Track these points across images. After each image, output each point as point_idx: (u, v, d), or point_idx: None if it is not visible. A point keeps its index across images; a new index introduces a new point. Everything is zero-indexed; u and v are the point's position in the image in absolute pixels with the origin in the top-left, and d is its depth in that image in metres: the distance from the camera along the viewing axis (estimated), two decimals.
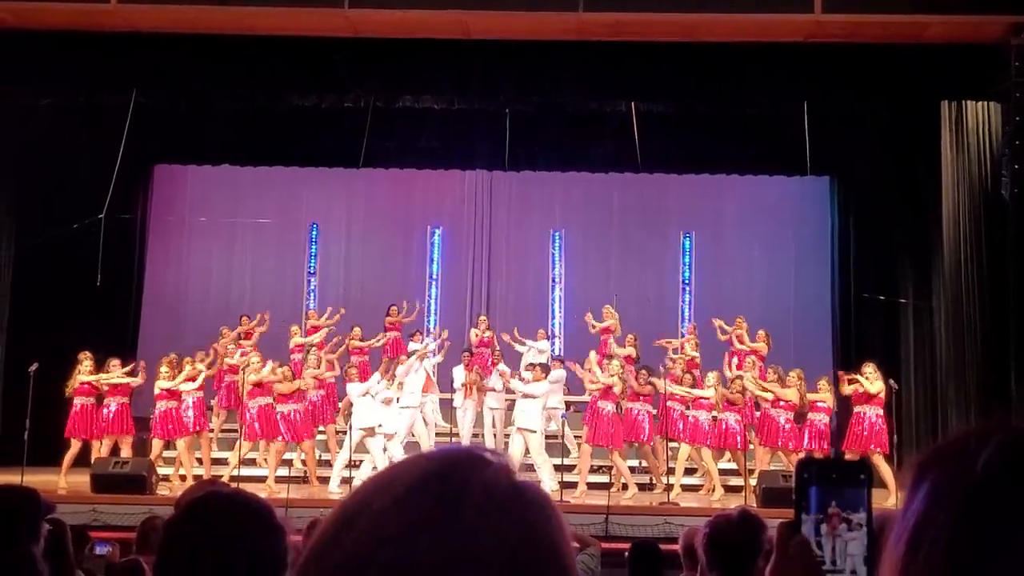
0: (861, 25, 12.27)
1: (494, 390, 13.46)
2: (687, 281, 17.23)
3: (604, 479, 12.60)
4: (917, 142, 14.13)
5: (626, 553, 5.52)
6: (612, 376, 12.25)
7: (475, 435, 13.59)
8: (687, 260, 17.25)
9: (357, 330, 14.70)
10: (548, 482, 12.09)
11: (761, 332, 14.25)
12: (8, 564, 2.74)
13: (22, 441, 11.52)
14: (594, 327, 14.78)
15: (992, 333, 12.77)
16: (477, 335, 15.19)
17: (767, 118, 14.23)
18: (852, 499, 1.13)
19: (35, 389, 11.83)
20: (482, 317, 15.54)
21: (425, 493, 0.79)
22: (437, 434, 13.91)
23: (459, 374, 13.96)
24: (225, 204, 17.11)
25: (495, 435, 13.44)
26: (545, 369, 12.63)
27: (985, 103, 13.20)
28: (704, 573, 3.45)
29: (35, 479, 10.14)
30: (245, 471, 12.41)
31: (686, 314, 16.98)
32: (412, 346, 14.46)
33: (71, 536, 4.13)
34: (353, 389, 12.42)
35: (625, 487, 12.32)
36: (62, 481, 11.63)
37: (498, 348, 14.66)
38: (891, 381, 12.86)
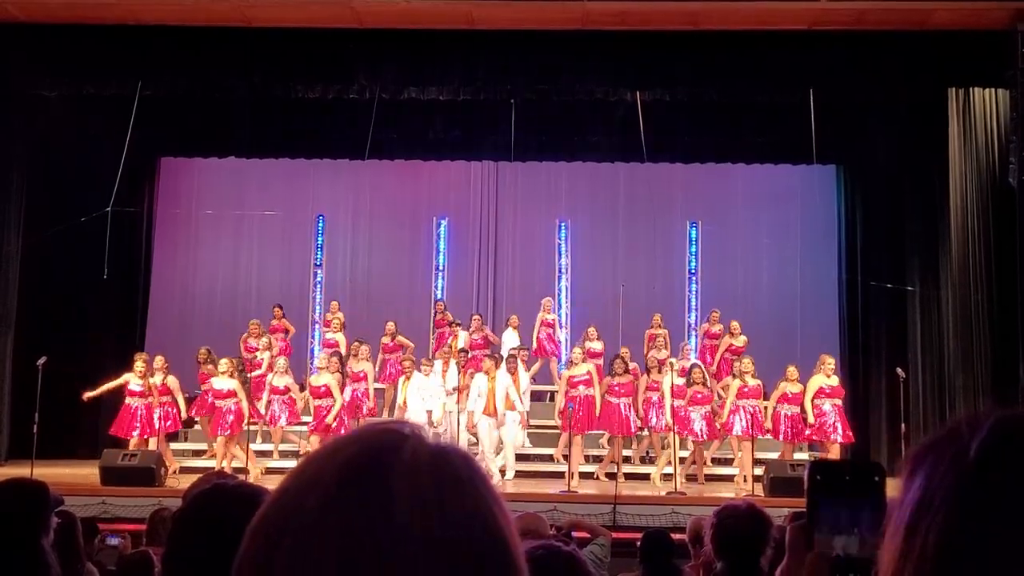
0: (866, 12, 12.24)
1: None
2: (694, 270, 17.21)
3: (611, 469, 12.62)
4: (924, 129, 14.09)
5: (637, 543, 5.53)
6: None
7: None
8: (694, 249, 17.22)
9: (391, 325, 14.62)
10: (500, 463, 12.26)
11: (735, 324, 14.30)
12: (18, 556, 2.76)
13: (31, 434, 11.57)
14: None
15: (1000, 320, 12.75)
16: (467, 338, 14.39)
17: (773, 106, 14.19)
18: (864, 512, 1.13)
19: (44, 382, 11.87)
20: (475, 317, 14.84)
21: (349, 488, 0.78)
22: None
23: (452, 376, 13.33)
24: (231, 196, 17.12)
25: (489, 440, 12.64)
26: (510, 360, 12.79)
27: (992, 90, 13.17)
28: (710, 562, 3.45)
29: (44, 472, 10.18)
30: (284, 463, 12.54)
31: (693, 303, 16.97)
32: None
33: (81, 528, 4.15)
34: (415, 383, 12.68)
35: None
36: None
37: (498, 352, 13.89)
38: (898, 369, 12.86)
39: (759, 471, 11.71)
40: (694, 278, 17.19)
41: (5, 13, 12.69)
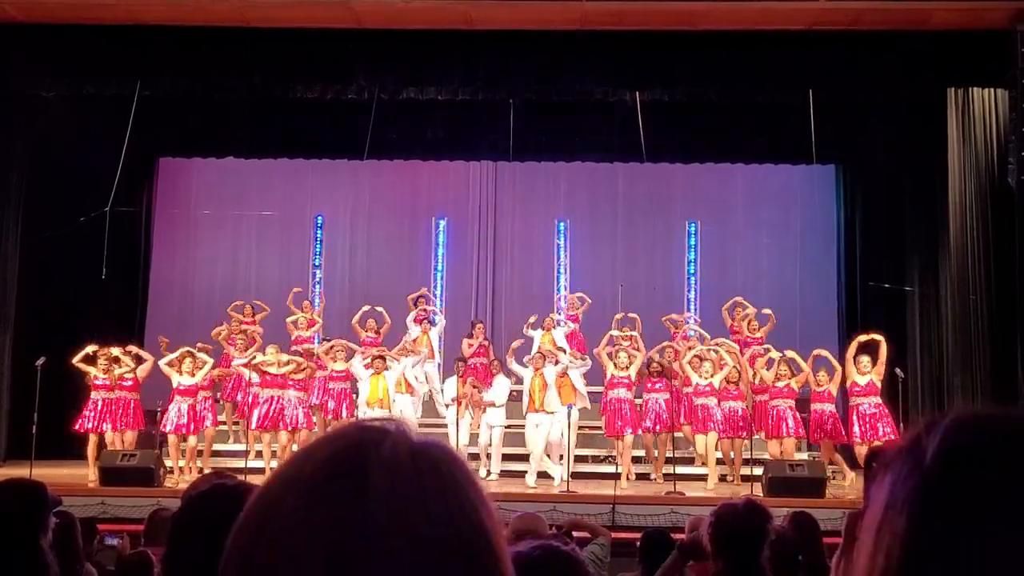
0: (865, 12, 12.25)
1: (493, 405, 12.43)
2: (693, 270, 17.22)
3: (611, 469, 12.61)
4: (924, 129, 14.09)
5: (637, 543, 5.53)
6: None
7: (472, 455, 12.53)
8: (692, 249, 17.23)
9: (372, 322, 14.56)
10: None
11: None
12: (18, 557, 2.75)
13: (30, 435, 11.55)
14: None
15: (999, 320, 12.76)
16: (471, 344, 13.90)
17: (772, 106, 14.19)
18: None
19: (42, 383, 11.85)
20: (479, 325, 14.51)
21: (326, 486, 0.77)
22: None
23: (451, 386, 12.78)
24: (230, 197, 17.12)
25: (491, 454, 12.39)
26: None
27: (991, 90, 13.17)
28: (709, 560, 3.45)
29: (43, 472, 10.18)
30: (259, 463, 12.47)
31: (692, 303, 16.97)
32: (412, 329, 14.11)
33: (80, 529, 4.14)
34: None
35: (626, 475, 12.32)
36: (91, 474, 11.66)
37: (495, 358, 13.39)
38: (897, 370, 12.85)
39: (758, 471, 11.71)
40: (693, 278, 17.20)
41: (4, 14, 12.69)
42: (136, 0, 12.40)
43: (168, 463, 12.12)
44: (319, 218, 17.55)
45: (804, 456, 12.53)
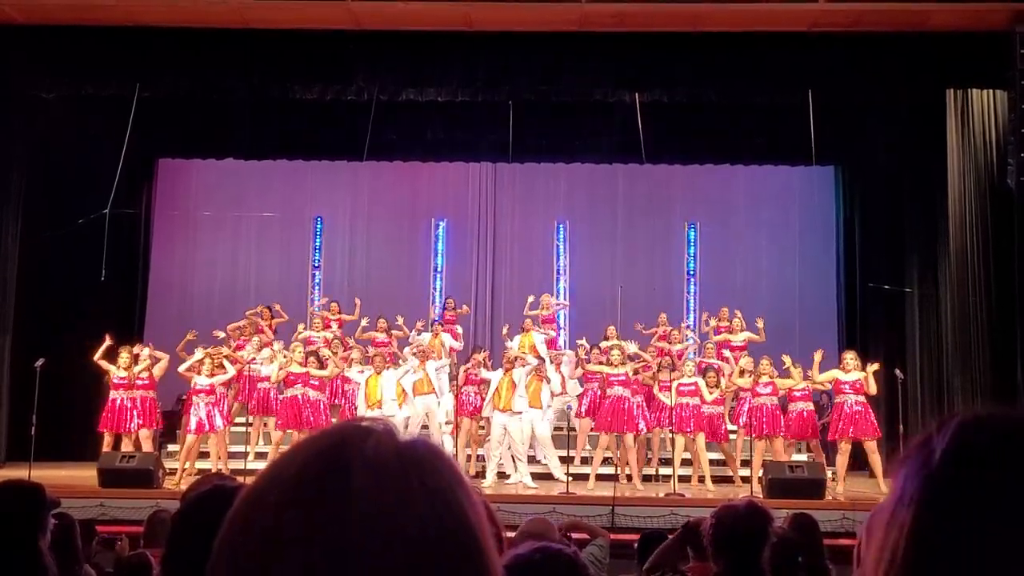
0: (865, 13, 12.26)
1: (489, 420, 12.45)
2: (692, 271, 17.22)
3: (610, 470, 12.61)
4: (923, 130, 14.09)
5: (635, 544, 5.52)
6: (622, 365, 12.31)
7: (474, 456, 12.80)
8: (692, 250, 17.24)
9: (383, 322, 14.49)
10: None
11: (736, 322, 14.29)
12: (17, 557, 2.75)
13: (29, 436, 11.54)
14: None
15: (998, 321, 12.76)
16: (466, 371, 12.67)
17: (773, 107, 14.18)
18: None
19: (42, 384, 11.84)
20: (477, 356, 13.04)
21: (308, 484, 0.77)
22: None
23: (445, 386, 12.83)
24: (229, 198, 17.12)
25: (498, 459, 12.37)
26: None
27: (991, 91, 13.18)
28: (710, 560, 3.45)
29: (42, 474, 10.18)
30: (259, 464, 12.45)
31: (691, 304, 16.97)
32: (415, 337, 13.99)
33: (79, 530, 4.14)
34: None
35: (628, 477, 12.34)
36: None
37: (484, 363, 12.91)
38: (896, 370, 12.85)
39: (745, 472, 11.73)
40: (692, 279, 17.20)
41: (4, 15, 12.70)
42: (136, 1, 12.41)
43: (170, 465, 12.11)
44: (318, 219, 17.55)
45: (802, 457, 12.53)
